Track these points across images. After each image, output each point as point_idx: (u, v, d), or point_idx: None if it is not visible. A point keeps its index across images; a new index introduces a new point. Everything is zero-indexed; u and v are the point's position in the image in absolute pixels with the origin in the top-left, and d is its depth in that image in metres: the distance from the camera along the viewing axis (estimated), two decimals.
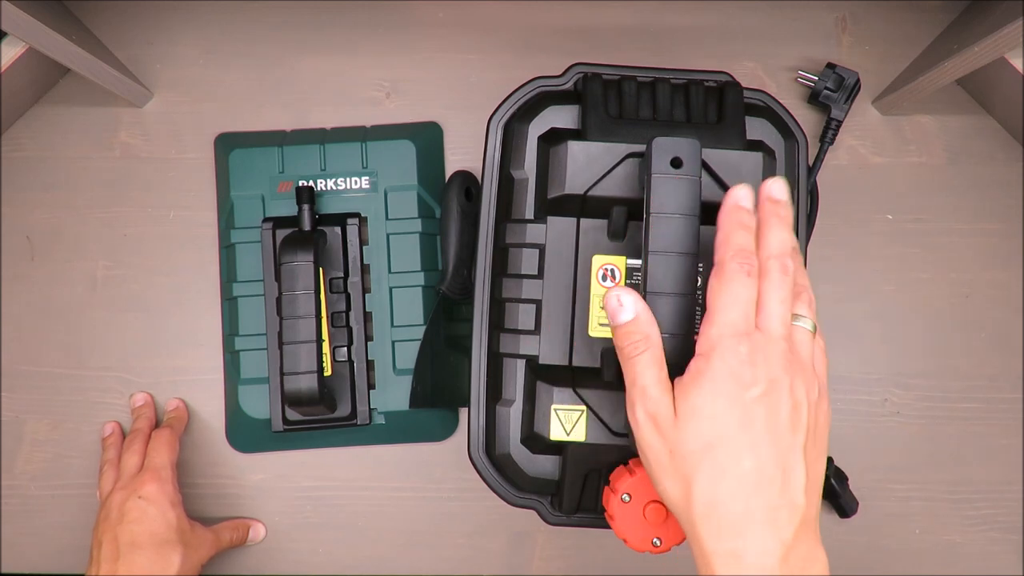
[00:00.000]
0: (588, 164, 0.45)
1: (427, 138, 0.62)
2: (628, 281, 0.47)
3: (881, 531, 0.61)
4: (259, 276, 0.59)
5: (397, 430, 0.60)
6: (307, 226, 0.57)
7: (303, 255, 0.53)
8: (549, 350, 0.47)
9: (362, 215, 0.60)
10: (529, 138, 0.47)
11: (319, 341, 0.53)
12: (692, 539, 0.35)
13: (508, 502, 0.49)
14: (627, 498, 0.43)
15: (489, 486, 0.49)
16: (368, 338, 0.59)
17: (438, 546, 0.61)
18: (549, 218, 0.47)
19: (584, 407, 0.46)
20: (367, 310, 0.60)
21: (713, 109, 0.48)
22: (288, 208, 0.59)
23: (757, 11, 0.64)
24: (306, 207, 0.57)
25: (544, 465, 0.48)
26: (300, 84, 0.64)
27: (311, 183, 0.59)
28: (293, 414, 0.58)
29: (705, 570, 0.34)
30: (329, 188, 0.60)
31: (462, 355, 0.61)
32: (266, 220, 0.59)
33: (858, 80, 0.61)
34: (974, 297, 0.62)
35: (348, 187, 0.60)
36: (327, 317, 0.58)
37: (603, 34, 0.64)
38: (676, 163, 0.39)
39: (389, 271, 0.60)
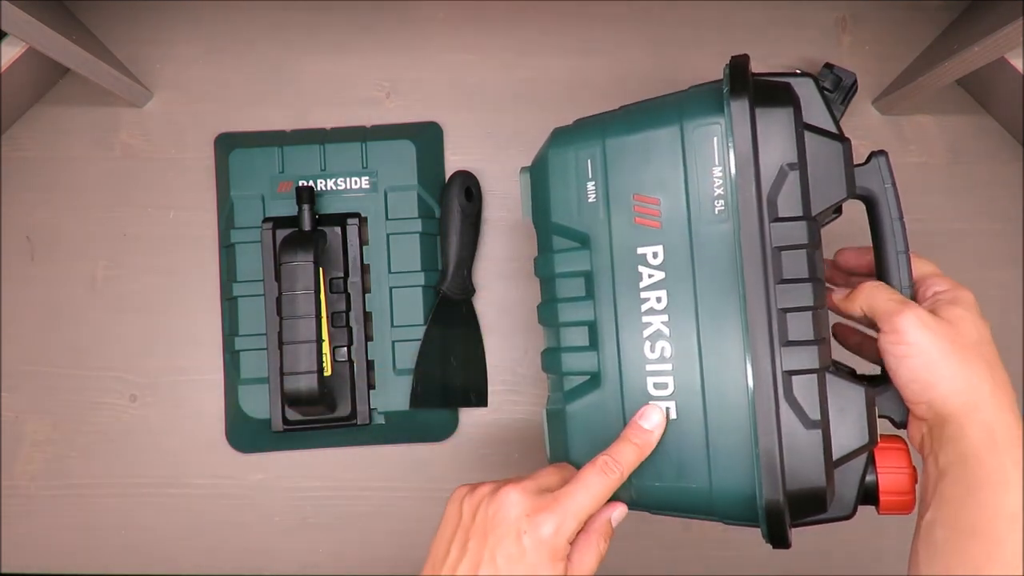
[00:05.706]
0: None
1: (427, 138, 0.62)
2: None
3: (881, 531, 0.61)
4: (259, 276, 0.59)
5: (397, 430, 0.60)
6: (307, 226, 0.57)
7: (303, 255, 0.53)
8: None
9: (362, 215, 0.60)
10: None
11: (319, 341, 0.53)
12: None
13: None
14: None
15: None
16: (368, 338, 0.59)
17: None
18: None
19: None
20: (367, 310, 0.59)
21: None
22: (288, 208, 0.59)
23: (757, 10, 0.64)
24: (306, 207, 0.57)
25: None
26: (300, 84, 0.64)
27: (311, 183, 0.59)
28: (293, 414, 0.58)
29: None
30: (329, 188, 0.60)
31: (462, 355, 0.61)
32: (266, 220, 0.59)
33: (855, 81, 0.61)
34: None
35: (348, 187, 0.60)
36: (327, 317, 0.58)
37: (603, 34, 0.64)
38: None
39: (389, 271, 0.60)
